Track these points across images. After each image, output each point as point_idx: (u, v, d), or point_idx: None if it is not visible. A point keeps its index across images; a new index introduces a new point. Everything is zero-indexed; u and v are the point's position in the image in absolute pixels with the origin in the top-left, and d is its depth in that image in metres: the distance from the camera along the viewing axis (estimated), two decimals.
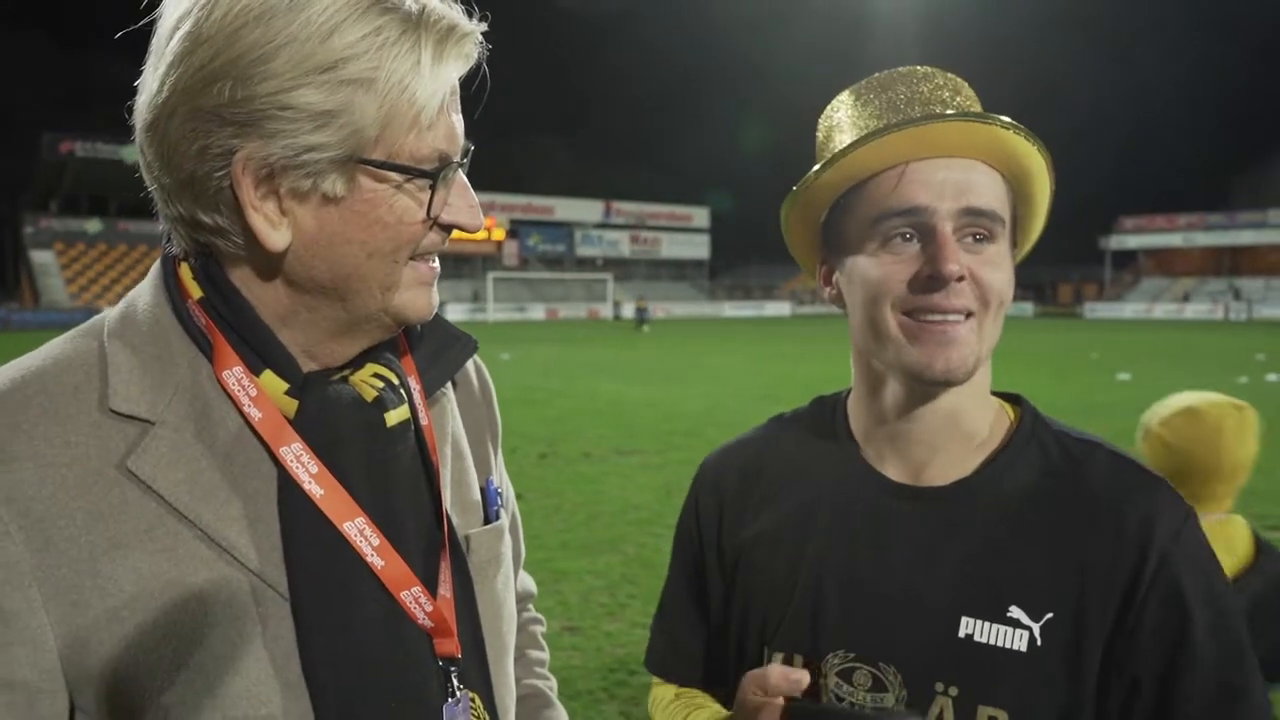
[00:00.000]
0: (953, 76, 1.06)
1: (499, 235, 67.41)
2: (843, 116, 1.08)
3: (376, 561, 0.85)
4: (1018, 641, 0.96)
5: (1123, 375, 17.55)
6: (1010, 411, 1.11)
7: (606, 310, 61.41)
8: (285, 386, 0.84)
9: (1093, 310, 68.96)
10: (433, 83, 0.79)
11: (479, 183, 0.91)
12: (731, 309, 68.62)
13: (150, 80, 0.79)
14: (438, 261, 0.89)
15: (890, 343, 1.00)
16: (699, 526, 1.22)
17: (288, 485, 0.82)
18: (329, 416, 0.84)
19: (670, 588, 1.27)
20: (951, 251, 0.96)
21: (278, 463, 0.82)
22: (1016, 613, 0.97)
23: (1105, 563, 0.97)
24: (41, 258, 51.98)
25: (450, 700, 0.89)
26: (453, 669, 0.90)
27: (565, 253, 72.52)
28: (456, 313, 52.65)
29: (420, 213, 0.82)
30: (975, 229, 0.98)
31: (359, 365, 0.90)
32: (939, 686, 0.98)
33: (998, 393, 1.12)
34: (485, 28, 0.84)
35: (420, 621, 0.88)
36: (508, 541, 1.06)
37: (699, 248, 78.93)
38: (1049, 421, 1.10)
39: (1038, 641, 0.96)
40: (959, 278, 0.96)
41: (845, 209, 1.04)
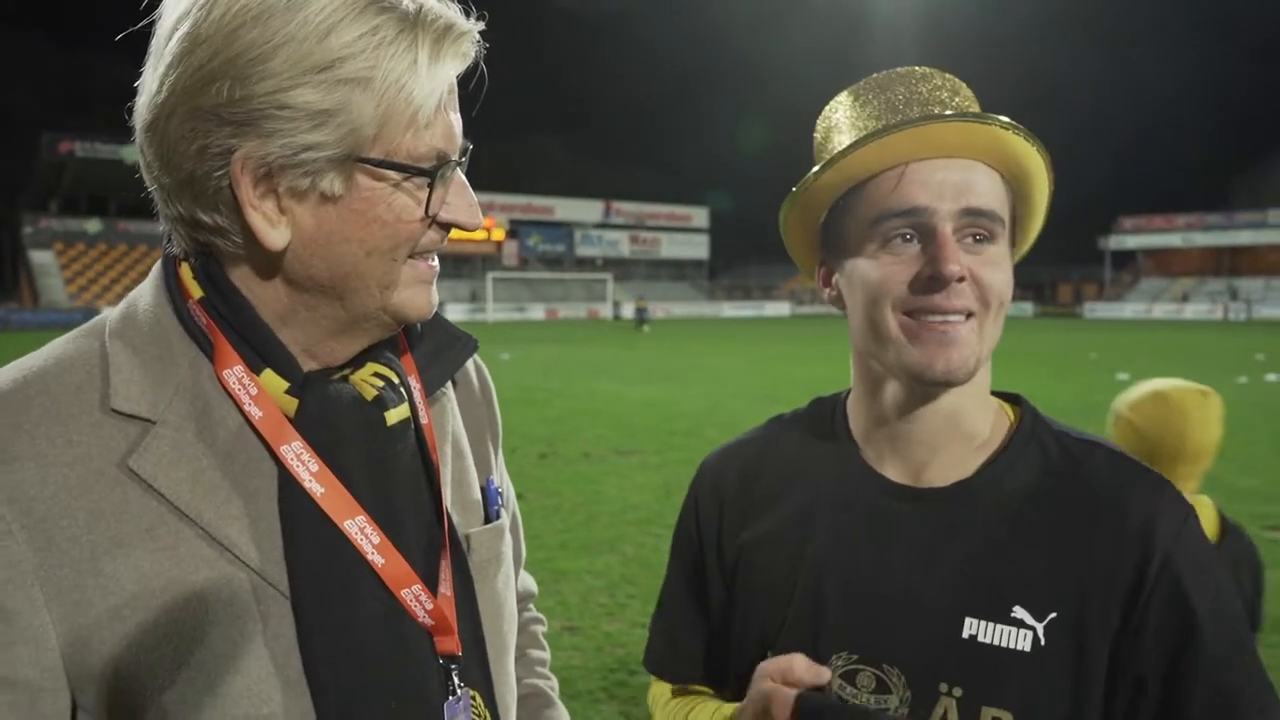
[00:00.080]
0: (951, 77, 1.06)
1: (499, 235, 67.39)
2: (841, 117, 1.08)
3: (377, 560, 0.85)
4: (1021, 642, 0.96)
5: (1122, 375, 17.52)
6: (1010, 412, 1.11)
7: (606, 310, 61.41)
8: (285, 385, 0.84)
9: (1092, 310, 69.00)
10: (430, 82, 0.79)
11: (478, 183, 0.91)
12: (731, 309, 68.64)
13: (150, 80, 0.79)
14: (437, 260, 0.89)
15: (891, 344, 1.00)
16: (699, 527, 1.21)
17: (288, 484, 0.82)
18: (329, 415, 0.85)
19: (669, 587, 1.27)
20: (952, 252, 0.95)
21: (278, 461, 0.83)
22: (1020, 613, 0.97)
23: (1108, 562, 0.97)
24: (41, 258, 52.00)
25: (451, 698, 0.89)
26: (453, 667, 0.90)
27: (565, 253, 72.52)
28: (456, 313, 52.63)
29: (418, 211, 0.83)
30: (975, 229, 0.98)
31: (359, 364, 0.90)
32: (943, 687, 0.98)
33: (997, 392, 1.12)
34: (483, 26, 0.84)
35: (420, 620, 0.88)
36: (508, 541, 1.06)
37: (698, 248, 78.94)
38: (1049, 421, 1.09)
39: (1041, 641, 0.96)
40: (959, 278, 0.96)
41: (845, 210, 1.04)
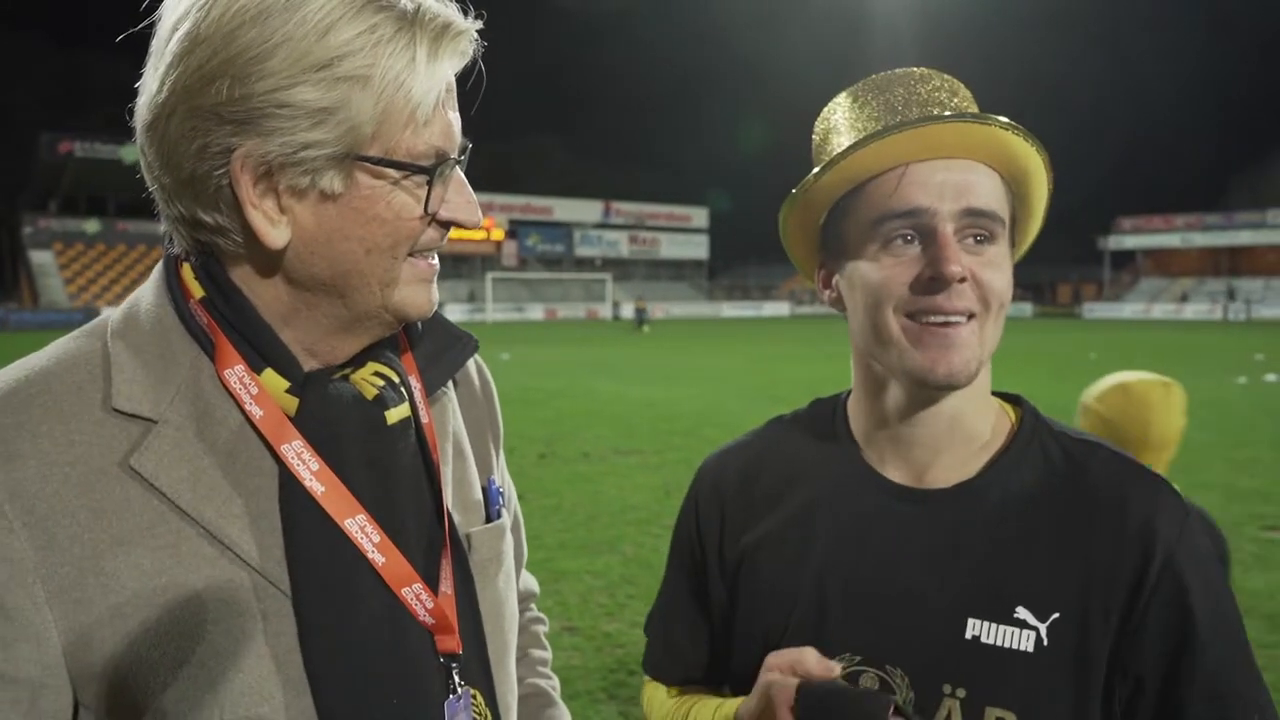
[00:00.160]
0: (949, 77, 1.06)
1: (498, 235, 67.35)
2: (840, 119, 1.08)
3: (377, 558, 0.85)
4: (1024, 642, 0.96)
5: None
6: (1011, 412, 1.11)
7: (605, 310, 61.40)
8: (286, 384, 0.84)
9: (1091, 310, 68.98)
10: (428, 79, 0.79)
11: (477, 182, 0.92)
12: (730, 309, 68.63)
13: (150, 81, 0.79)
14: (437, 258, 0.90)
15: (892, 346, 1.00)
16: (699, 529, 1.21)
17: (289, 482, 0.82)
18: (330, 414, 0.85)
19: (668, 589, 1.27)
20: (953, 252, 0.95)
21: (279, 460, 0.83)
22: (1023, 613, 0.97)
23: (1109, 563, 0.97)
24: (40, 258, 51.99)
25: (451, 697, 0.90)
26: (454, 665, 0.91)
27: (564, 253, 72.47)
28: (455, 313, 52.62)
29: (418, 209, 0.83)
30: (976, 230, 0.98)
31: (360, 363, 0.90)
32: (946, 688, 0.98)
33: (998, 392, 1.12)
34: (481, 25, 0.84)
35: (421, 618, 0.88)
36: (509, 540, 1.06)
37: (698, 248, 78.89)
38: (1049, 422, 1.10)
39: (1044, 642, 0.96)
40: (960, 279, 0.96)
41: (844, 212, 1.04)
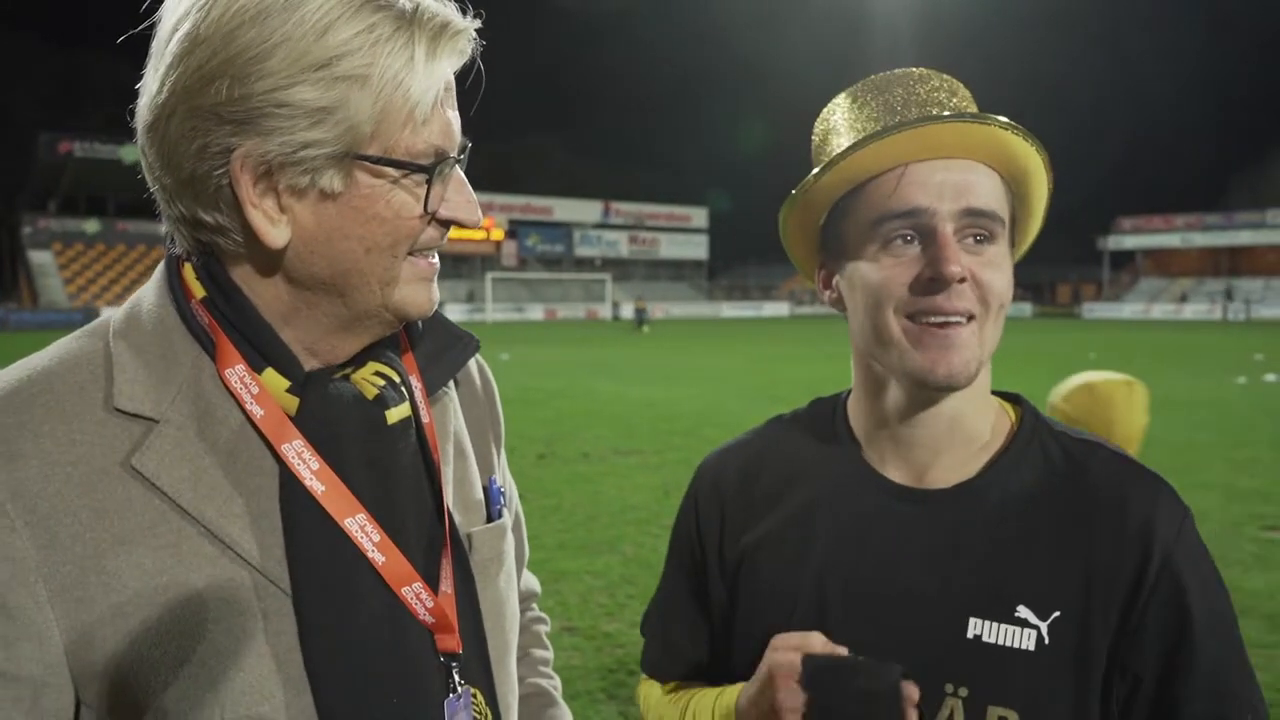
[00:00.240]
0: (948, 77, 1.06)
1: (497, 235, 67.36)
2: (839, 119, 1.08)
3: (377, 557, 0.85)
4: (1026, 641, 0.96)
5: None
6: (1011, 412, 1.11)
7: (605, 310, 61.40)
8: (287, 384, 0.84)
9: (1091, 310, 68.99)
10: (426, 79, 0.80)
11: (477, 182, 0.92)
12: (730, 309, 68.65)
13: (150, 81, 0.80)
14: (437, 257, 0.90)
15: (893, 347, 1.00)
16: (699, 528, 1.21)
17: (289, 482, 0.83)
18: (330, 414, 0.85)
19: (667, 589, 1.27)
20: (953, 252, 0.95)
21: (279, 460, 0.83)
22: (1024, 612, 0.97)
23: (1109, 562, 0.97)
24: (40, 258, 52.00)
25: (451, 695, 0.90)
26: (454, 664, 0.91)
27: (564, 253, 72.49)
28: (455, 313, 52.64)
29: (417, 208, 0.83)
30: (976, 230, 0.98)
31: (360, 363, 0.90)
32: (948, 688, 0.98)
33: (998, 392, 1.13)
34: (479, 24, 0.84)
35: (421, 617, 0.88)
36: (510, 540, 1.06)
37: (698, 248, 78.91)
38: (1049, 422, 1.10)
39: (1045, 640, 0.96)
40: (960, 279, 0.96)
41: (844, 212, 1.04)
